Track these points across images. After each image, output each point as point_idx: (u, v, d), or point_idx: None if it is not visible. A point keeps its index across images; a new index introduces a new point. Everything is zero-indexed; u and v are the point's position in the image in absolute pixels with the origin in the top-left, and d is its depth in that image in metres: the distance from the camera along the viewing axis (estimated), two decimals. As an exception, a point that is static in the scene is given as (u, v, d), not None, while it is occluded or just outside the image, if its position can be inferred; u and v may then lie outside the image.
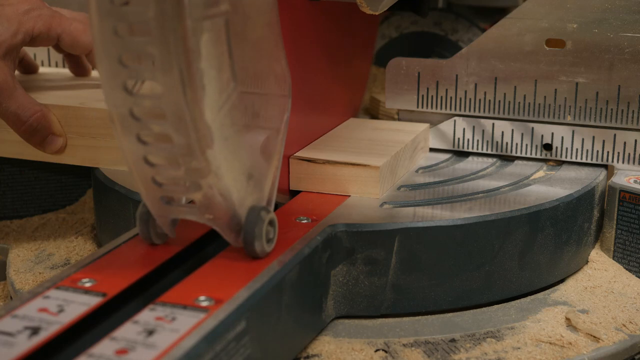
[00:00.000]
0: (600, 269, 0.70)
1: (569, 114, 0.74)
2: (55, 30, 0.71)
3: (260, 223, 0.53)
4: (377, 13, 0.65)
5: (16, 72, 0.74)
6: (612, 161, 0.74)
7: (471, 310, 0.63)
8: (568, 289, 0.67)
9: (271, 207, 0.56)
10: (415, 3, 0.89)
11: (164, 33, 0.45)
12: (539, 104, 0.75)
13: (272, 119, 0.56)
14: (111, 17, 0.46)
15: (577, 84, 0.74)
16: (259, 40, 0.54)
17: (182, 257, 0.56)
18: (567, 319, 0.61)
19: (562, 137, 0.75)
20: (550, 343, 0.58)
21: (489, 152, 0.77)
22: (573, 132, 0.75)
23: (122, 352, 0.43)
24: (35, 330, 0.45)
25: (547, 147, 0.76)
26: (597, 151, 0.74)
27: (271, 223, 0.54)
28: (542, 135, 0.75)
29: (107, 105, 0.48)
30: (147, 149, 0.49)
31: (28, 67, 0.82)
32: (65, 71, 0.84)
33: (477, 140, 0.77)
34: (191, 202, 0.52)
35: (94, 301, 0.49)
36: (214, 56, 0.48)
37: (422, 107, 0.79)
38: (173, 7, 0.44)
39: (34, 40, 0.70)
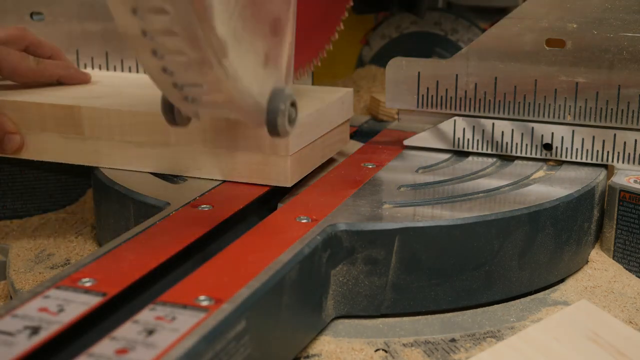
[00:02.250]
0: (600, 269, 0.70)
1: (569, 114, 0.74)
2: None
3: (283, 103, 0.53)
4: None
5: None
6: (612, 161, 0.74)
7: (471, 310, 0.63)
8: (568, 289, 0.67)
9: (290, 86, 0.56)
10: (412, 4, 0.90)
11: None
12: (539, 104, 0.75)
13: None
14: None
15: (577, 84, 0.74)
16: None
17: (182, 257, 0.56)
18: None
19: (562, 137, 0.75)
20: (550, 343, 0.58)
21: (489, 152, 0.77)
22: (573, 132, 0.75)
23: (122, 351, 0.43)
24: (35, 330, 0.45)
25: (547, 147, 0.76)
26: (597, 151, 0.74)
27: (293, 104, 0.55)
28: (542, 135, 0.75)
29: (118, 27, 0.48)
30: (164, 61, 0.49)
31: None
32: None
33: (477, 140, 0.77)
34: None
35: (94, 301, 0.49)
36: None
37: (422, 107, 0.79)
38: None
39: None
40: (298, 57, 0.77)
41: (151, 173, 0.72)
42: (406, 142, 0.80)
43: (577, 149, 0.75)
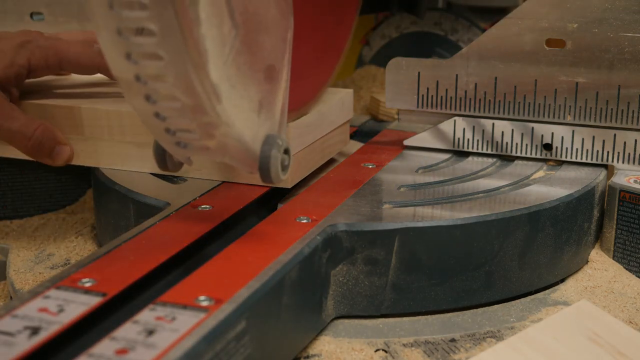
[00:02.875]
0: (600, 269, 0.70)
1: (569, 114, 0.74)
2: (53, 60, 0.71)
3: (276, 150, 0.53)
4: None
5: None
6: (612, 161, 0.74)
7: (471, 310, 0.63)
8: (568, 289, 0.67)
9: (283, 133, 0.56)
10: (412, 4, 0.89)
11: (161, 8, 0.44)
12: (539, 104, 0.75)
13: (275, 45, 0.55)
14: None
15: (577, 84, 0.74)
16: None
17: (182, 257, 0.56)
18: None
19: (562, 137, 0.75)
20: (550, 343, 0.58)
21: (489, 152, 0.77)
22: (573, 132, 0.75)
23: (122, 352, 0.43)
24: (35, 330, 0.45)
25: (547, 147, 0.76)
26: (597, 151, 0.74)
27: (286, 151, 0.55)
28: (542, 135, 0.75)
29: (112, 71, 0.48)
30: (157, 107, 0.49)
31: None
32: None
33: (477, 140, 0.77)
34: None
35: (94, 301, 0.49)
36: (213, 15, 0.47)
37: (422, 107, 0.79)
38: None
39: (32, 72, 0.71)
40: (303, 91, 0.76)
41: (151, 173, 0.72)
42: (406, 142, 0.80)
43: (577, 149, 0.75)
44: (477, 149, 0.78)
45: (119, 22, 0.46)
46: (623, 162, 0.74)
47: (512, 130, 0.76)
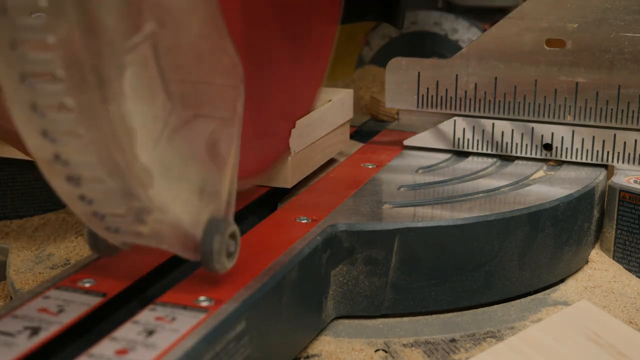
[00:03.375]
0: (600, 269, 0.70)
1: (569, 114, 0.74)
2: None
3: (219, 236, 0.47)
4: None
5: None
6: (612, 161, 0.74)
7: (471, 310, 0.63)
8: (568, 289, 0.67)
9: (230, 216, 0.49)
10: (390, 14, 0.89)
11: (79, 81, 0.39)
12: (539, 104, 0.75)
13: (222, 117, 0.49)
14: (16, 62, 0.39)
15: (577, 84, 0.74)
16: (198, 41, 0.46)
17: (182, 257, 0.56)
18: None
19: (562, 137, 0.75)
20: (550, 343, 0.58)
21: (489, 152, 0.77)
22: (573, 132, 0.75)
23: (122, 352, 0.43)
24: (35, 330, 0.45)
25: (547, 147, 0.76)
26: (597, 151, 0.74)
27: (232, 236, 0.49)
28: (542, 135, 0.75)
29: (28, 149, 0.42)
30: (82, 189, 0.43)
31: None
32: None
33: (477, 140, 0.77)
34: None
35: (94, 301, 0.49)
36: (142, 89, 0.41)
37: (422, 107, 0.79)
38: (86, 51, 0.38)
39: None
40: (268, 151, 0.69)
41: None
42: (406, 142, 0.80)
43: (577, 149, 0.75)
44: (477, 149, 0.78)
45: (33, 96, 0.40)
46: (623, 162, 0.74)
47: (512, 130, 0.76)
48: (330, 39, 0.75)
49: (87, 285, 0.50)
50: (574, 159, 0.75)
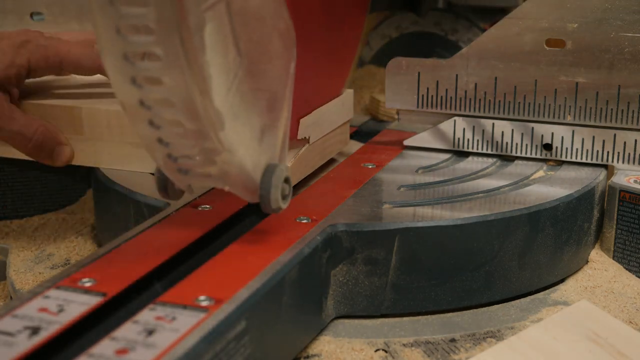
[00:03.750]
0: (600, 269, 0.70)
1: (569, 114, 0.74)
2: (54, 60, 0.70)
3: (276, 179, 0.53)
4: None
5: None
6: (612, 161, 0.74)
7: (471, 310, 0.63)
8: (568, 289, 0.67)
9: (285, 162, 0.56)
10: (414, 3, 0.89)
11: (167, 33, 0.45)
12: (539, 104, 0.75)
13: (278, 75, 0.56)
14: (112, 17, 0.45)
15: (577, 84, 0.74)
16: (260, 5, 0.53)
17: (182, 257, 0.56)
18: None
19: (562, 137, 0.75)
20: (550, 343, 0.58)
21: (489, 152, 0.77)
22: (573, 132, 0.75)
23: (122, 352, 0.43)
24: (35, 330, 0.45)
25: (547, 147, 0.76)
26: (597, 151, 0.74)
27: (286, 180, 0.55)
28: (542, 135, 0.75)
29: (116, 96, 0.49)
30: (160, 132, 0.50)
31: None
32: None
33: (477, 140, 0.77)
34: None
35: (94, 301, 0.49)
36: (218, 42, 0.48)
37: (422, 107, 0.79)
38: (173, 7, 0.44)
39: (32, 72, 0.70)
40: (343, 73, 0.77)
41: (151, 173, 0.72)
42: (406, 142, 0.80)
43: (577, 149, 0.75)
44: (477, 149, 0.78)
45: (125, 46, 0.46)
46: (623, 162, 0.74)
47: (512, 130, 0.76)
48: (359, 31, 0.80)
49: (87, 285, 0.50)
50: (574, 159, 0.75)
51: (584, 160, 0.75)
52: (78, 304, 0.48)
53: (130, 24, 0.46)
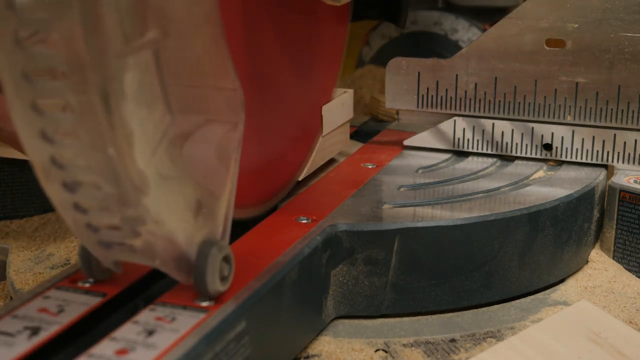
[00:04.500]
0: (600, 269, 0.70)
1: (569, 114, 0.74)
2: None
3: (213, 261, 0.47)
4: (339, 4, 0.62)
5: None
6: (612, 161, 0.74)
7: (471, 310, 0.63)
8: (568, 289, 0.67)
9: (226, 240, 0.49)
10: (392, 13, 0.89)
11: (82, 78, 0.39)
12: (539, 104, 0.75)
13: (221, 142, 0.49)
14: (19, 59, 0.39)
15: (577, 84, 0.74)
16: (200, 58, 0.47)
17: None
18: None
19: (562, 137, 0.75)
20: (550, 343, 0.58)
21: (489, 152, 0.77)
22: (573, 132, 0.75)
23: (122, 352, 0.43)
24: (35, 330, 0.45)
25: (547, 147, 0.76)
26: (597, 151, 0.74)
27: (226, 259, 0.48)
28: (542, 135, 0.75)
29: (25, 152, 0.42)
30: (76, 196, 0.43)
31: None
32: None
33: (477, 140, 0.77)
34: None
35: (94, 301, 0.49)
36: (142, 93, 0.41)
37: (422, 107, 0.79)
38: (88, 48, 0.38)
39: None
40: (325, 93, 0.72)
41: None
42: (406, 142, 0.80)
43: (577, 149, 0.75)
44: (477, 149, 0.78)
45: (34, 93, 0.40)
46: (623, 162, 0.74)
47: (512, 130, 0.76)
48: (340, 45, 0.75)
49: (87, 285, 0.50)
50: (574, 159, 0.75)
51: (584, 160, 0.75)
52: (78, 304, 0.48)
53: (39, 67, 0.39)
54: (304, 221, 0.61)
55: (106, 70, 0.39)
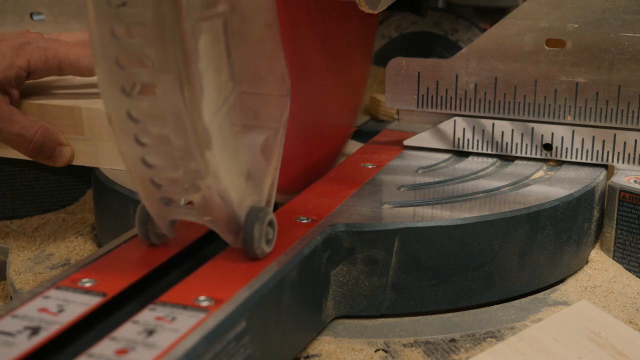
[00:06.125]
0: (600, 269, 0.70)
1: (569, 114, 0.74)
2: (53, 62, 0.71)
3: (260, 223, 0.53)
4: (376, 12, 0.65)
5: None
6: (612, 161, 0.74)
7: (471, 310, 0.63)
8: (568, 289, 0.67)
9: (270, 208, 0.55)
10: (414, 3, 0.90)
11: (162, 35, 0.44)
12: (539, 104, 0.75)
13: (271, 119, 0.56)
14: (108, 18, 0.45)
15: (577, 84, 0.74)
16: (258, 40, 0.53)
17: (182, 257, 0.56)
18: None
19: (562, 137, 0.75)
20: (550, 343, 0.58)
21: (489, 152, 0.77)
22: (573, 132, 0.75)
23: (122, 352, 0.43)
24: (35, 330, 0.45)
25: (547, 147, 0.76)
26: (597, 151, 0.74)
27: (270, 224, 0.54)
28: (542, 135, 0.75)
29: (104, 107, 0.48)
30: (145, 150, 0.49)
31: None
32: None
33: (477, 140, 0.77)
34: (190, 203, 0.52)
35: (94, 301, 0.49)
36: (212, 57, 0.48)
37: (422, 107, 0.79)
38: (171, 9, 0.44)
39: (32, 73, 0.71)
40: (357, 97, 0.79)
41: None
42: (406, 142, 0.80)
43: (577, 149, 0.75)
44: (477, 149, 0.78)
45: (119, 49, 0.46)
46: (623, 162, 0.74)
47: (512, 130, 0.76)
48: (370, 48, 0.82)
49: (87, 285, 0.50)
50: (574, 159, 0.75)
51: (584, 160, 0.75)
52: (78, 304, 0.48)
53: (125, 26, 0.45)
54: (304, 221, 0.61)
55: (185, 30, 0.44)
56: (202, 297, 0.48)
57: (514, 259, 0.64)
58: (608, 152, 0.74)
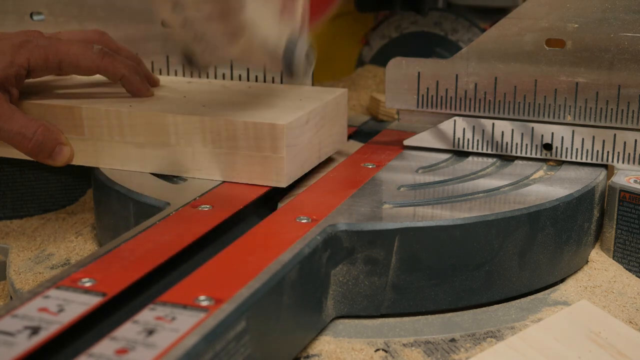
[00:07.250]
0: (600, 269, 0.70)
1: (569, 114, 0.74)
2: (53, 60, 0.71)
3: (300, 45, 0.58)
4: None
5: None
6: (612, 161, 0.74)
7: (471, 310, 0.63)
8: (568, 289, 0.67)
9: (304, 37, 0.60)
10: (415, 2, 0.90)
11: None
12: (539, 104, 0.75)
13: None
14: None
15: (577, 84, 0.74)
16: None
17: (182, 257, 0.56)
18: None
19: (562, 137, 0.75)
20: (550, 343, 0.58)
21: (489, 152, 0.77)
22: (573, 132, 0.75)
23: (122, 351, 0.43)
24: (35, 330, 0.45)
25: (547, 147, 0.76)
26: (597, 151, 0.74)
27: (307, 54, 0.59)
28: (542, 135, 0.75)
29: None
30: (185, 15, 0.52)
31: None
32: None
33: (477, 140, 0.77)
34: None
35: (94, 301, 0.49)
36: None
37: (422, 107, 0.79)
38: None
39: (32, 72, 0.71)
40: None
41: (151, 173, 0.72)
42: (406, 142, 0.80)
43: (577, 149, 0.75)
44: (477, 149, 0.78)
45: None
46: (623, 162, 0.74)
47: (512, 130, 0.76)
48: None
49: (87, 285, 0.50)
50: (574, 159, 0.75)
51: (584, 160, 0.75)
52: (78, 304, 0.48)
53: None
54: (304, 221, 0.61)
55: None
56: (202, 297, 0.48)
57: (514, 258, 0.64)
58: (608, 152, 0.74)
